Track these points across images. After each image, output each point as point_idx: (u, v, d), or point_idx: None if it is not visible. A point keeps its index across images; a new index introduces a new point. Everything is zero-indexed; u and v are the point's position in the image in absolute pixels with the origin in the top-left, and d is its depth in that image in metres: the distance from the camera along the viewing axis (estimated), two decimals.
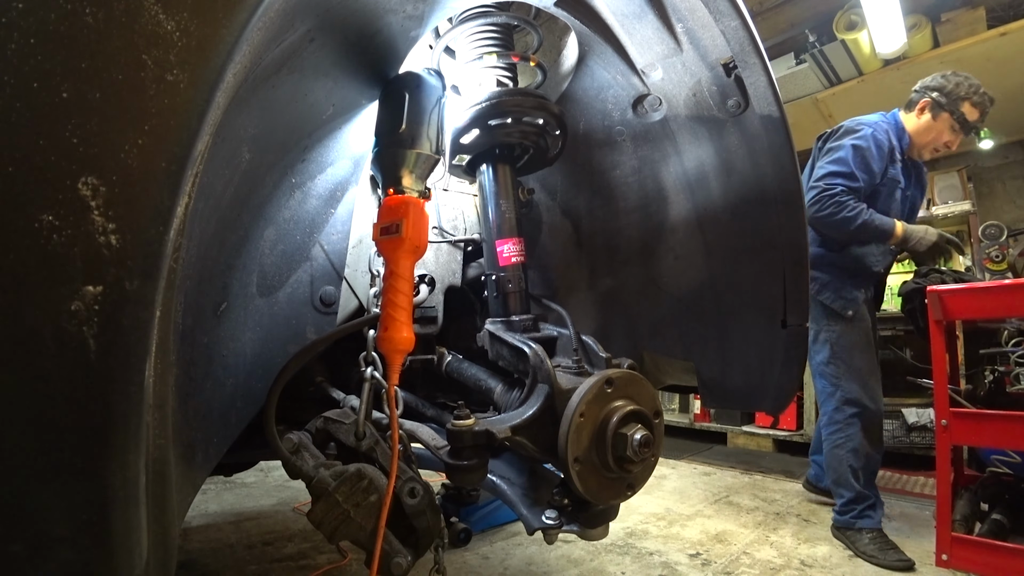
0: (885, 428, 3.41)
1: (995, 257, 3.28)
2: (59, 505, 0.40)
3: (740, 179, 1.19)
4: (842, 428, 2.20)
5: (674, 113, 1.23)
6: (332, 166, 1.05)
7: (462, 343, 1.35)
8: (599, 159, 1.41)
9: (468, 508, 2.21)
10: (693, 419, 4.46)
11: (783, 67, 3.70)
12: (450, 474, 0.96)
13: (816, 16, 3.47)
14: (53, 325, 0.38)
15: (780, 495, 2.88)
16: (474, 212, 1.44)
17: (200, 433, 0.81)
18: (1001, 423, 1.67)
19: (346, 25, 0.81)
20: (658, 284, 1.40)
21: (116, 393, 0.41)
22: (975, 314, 1.98)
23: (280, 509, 2.56)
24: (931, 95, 2.24)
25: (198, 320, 0.77)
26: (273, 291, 1.00)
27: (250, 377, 0.94)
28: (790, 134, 1.10)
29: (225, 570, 1.89)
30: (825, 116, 3.99)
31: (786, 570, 1.93)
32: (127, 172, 0.40)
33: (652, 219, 1.37)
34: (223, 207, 0.75)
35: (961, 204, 3.61)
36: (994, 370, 2.33)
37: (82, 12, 0.38)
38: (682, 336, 1.38)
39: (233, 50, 0.47)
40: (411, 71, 1.04)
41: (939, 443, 1.81)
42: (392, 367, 0.91)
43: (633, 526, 2.37)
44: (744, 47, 1.05)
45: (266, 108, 0.75)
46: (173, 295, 0.47)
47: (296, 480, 0.91)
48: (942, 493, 1.81)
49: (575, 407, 0.91)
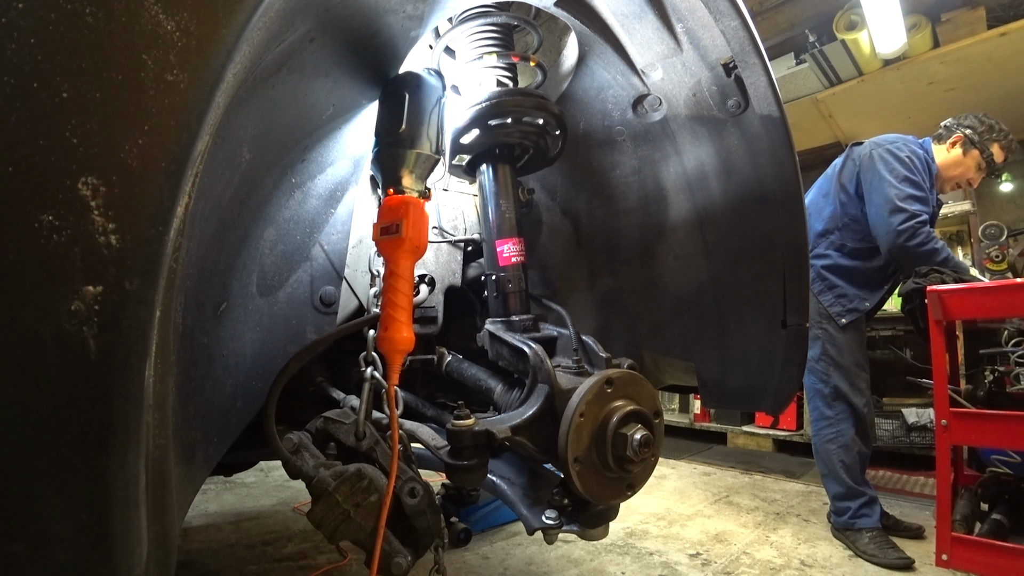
0: (885, 428, 3.43)
1: (995, 257, 3.28)
2: (59, 505, 0.40)
3: (740, 179, 1.19)
4: (832, 423, 2.21)
5: (674, 113, 1.23)
6: (332, 166, 1.05)
7: (462, 343, 1.35)
8: (599, 159, 1.41)
9: (468, 508, 2.21)
10: (693, 419, 4.46)
11: (783, 67, 3.70)
12: (450, 474, 0.96)
13: (816, 16, 3.47)
14: (53, 325, 0.38)
15: (780, 495, 2.88)
16: (474, 212, 1.44)
17: (200, 433, 0.81)
18: (1001, 423, 1.66)
19: (346, 25, 0.81)
20: (658, 284, 1.40)
21: (116, 393, 0.41)
22: (975, 314, 1.96)
23: (280, 509, 2.56)
24: (964, 131, 2.26)
25: (198, 320, 0.77)
26: (273, 291, 1.00)
27: (250, 377, 0.94)
28: (790, 134, 1.10)
29: (225, 570, 1.89)
30: (825, 116, 3.98)
31: (786, 570, 1.93)
32: (127, 172, 0.40)
33: (652, 219, 1.37)
34: (223, 207, 0.75)
35: (961, 204, 3.61)
36: (994, 370, 2.32)
37: (82, 12, 0.38)
38: (682, 336, 1.38)
39: (233, 50, 0.47)
40: (411, 71, 1.04)
41: (939, 443, 1.80)
42: (392, 367, 0.91)
43: (633, 526, 2.37)
44: (744, 47, 1.05)
45: (266, 108, 0.75)
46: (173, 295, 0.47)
47: (296, 480, 0.91)
48: (942, 493, 1.80)
49: (575, 407, 0.91)
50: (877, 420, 3.51)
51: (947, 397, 1.76)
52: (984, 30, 3.13)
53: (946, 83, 3.45)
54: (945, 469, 1.81)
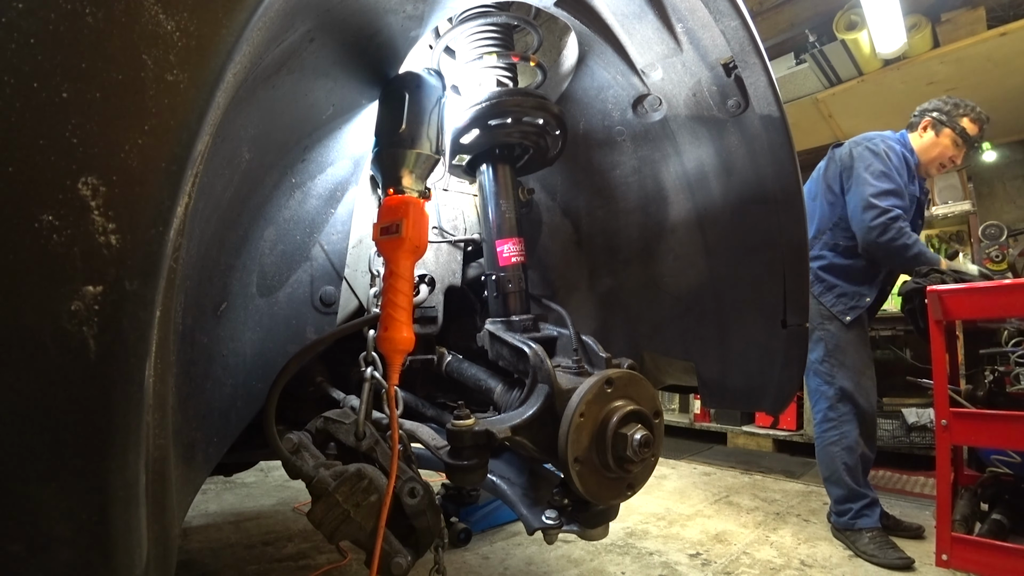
0: (885, 428, 3.43)
1: (995, 257, 3.28)
2: (59, 505, 0.40)
3: (740, 179, 1.19)
4: (836, 425, 2.21)
5: (674, 113, 1.23)
6: (332, 166, 1.05)
7: (462, 343, 1.35)
8: (599, 159, 1.41)
9: (468, 508, 2.21)
10: (693, 419, 4.46)
11: (783, 67, 3.70)
12: (450, 474, 0.96)
13: (816, 16, 3.46)
14: (53, 325, 0.38)
15: (780, 495, 2.88)
16: (474, 212, 1.44)
17: (200, 433, 0.81)
18: (1001, 423, 1.66)
19: (346, 25, 0.81)
20: (658, 284, 1.40)
21: (116, 393, 0.41)
22: (975, 314, 1.95)
23: (280, 509, 2.56)
24: (931, 115, 2.34)
25: (198, 320, 0.77)
26: (273, 291, 1.00)
27: (250, 377, 0.94)
28: (790, 134, 1.10)
29: (225, 570, 1.89)
30: (825, 116, 3.98)
31: (786, 570, 1.93)
32: (127, 172, 0.40)
33: (652, 219, 1.37)
34: (223, 207, 0.75)
35: (961, 204, 3.61)
36: (994, 370, 2.32)
37: (82, 12, 0.38)
38: (682, 336, 1.38)
39: (233, 50, 0.47)
40: (411, 71, 1.04)
41: (939, 443, 1.79)
42: (392, 367, 0.91)
43: (633, 526, 2.37)
44: (744, 47, 1.05)
45: (266, 108, 0.75)
46: (173, 295, 0.47)
47: (296, 480, 0.91)
48: (942, 493, 1.79)
49: (575, 407, 0.91)
50: (877, 420, 3.51)
51: (947, 397, 1.76)
52: (984, 30, 3.13)
53: (946, 83, 3.44)
54: (945, 469, 1.81)
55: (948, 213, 3.63)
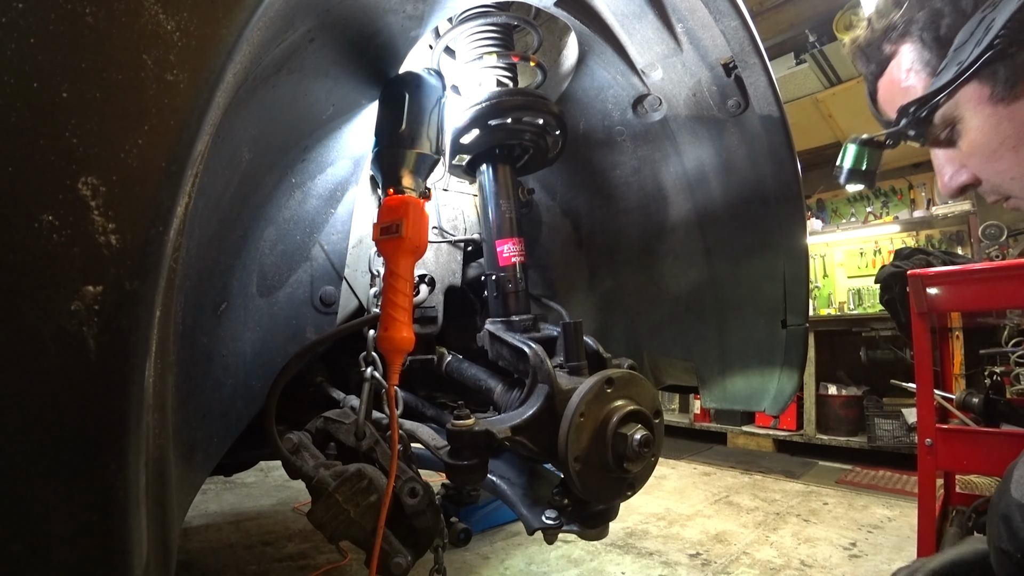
0: (885, 428, 3.43)
1: (995, 257, 3.28)
2: (59, 505, 0.40)
3: (740, 179, 1.19)
4: None
5: (674, 113, 1.23)
6: (332, 166, 1.05)
7: (462, 343, 1.35)
8: (599, 159, 1.41)
9: (468, 508, 2.21)
10: (693, 419, 4.46)
11: (783, 67, 3.70)
12: (450, 474, 0.96)
13: (816, 16, 3.47)
14: (53, 325, 0.38)
15: (780, 495, 2.88)
16: (474, 212, 1.44)
17: (200, 433, 0.81)
18: (1000, 442, 1.32)
19: (346, 25, 0.81)
20: (658, 284, 1.40)
21: (116, 393, 0.41)
22: (966, 304, 1.58)
23: (280, 509, 2.56)
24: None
25: (198, 320, 0.77)
26: (273, 291, 1.00)
27: (250, 377, 0.94)
28: (790, 134, 1.10)
29: (225, 570, 1.89)
30: (825, 116, 3.99)
31: (786, 570, 1.93)
32: (127, 172, 0.40)
33: (652, 219, 1.37)
34: (223, 207, 0.75)
35: (961, 204, 3.61)
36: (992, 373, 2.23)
37: (82, 12, 0.38)
38: (682, 336, 1.38)
39: (233, 50, 0.47)
40: (411, 71, 1.04)
41: (921, 469, 1.36)
42: (392, 367, 0.91)
43: (633, 526, 2.37)
44: (744, 47, 1.05)
45: (266, 108, 0.75)
46: (173, 295, 0.47)
47: (296, 480, 0.91)
48: (924, 528, 1.40)
49: (575, 407, 0.91)
50: (877, 420, 3.51)
51: (933, 409, 1.38)
52: None
53: None
54: (929, 499, 1.39)
55: (948, 213, 3.63)
